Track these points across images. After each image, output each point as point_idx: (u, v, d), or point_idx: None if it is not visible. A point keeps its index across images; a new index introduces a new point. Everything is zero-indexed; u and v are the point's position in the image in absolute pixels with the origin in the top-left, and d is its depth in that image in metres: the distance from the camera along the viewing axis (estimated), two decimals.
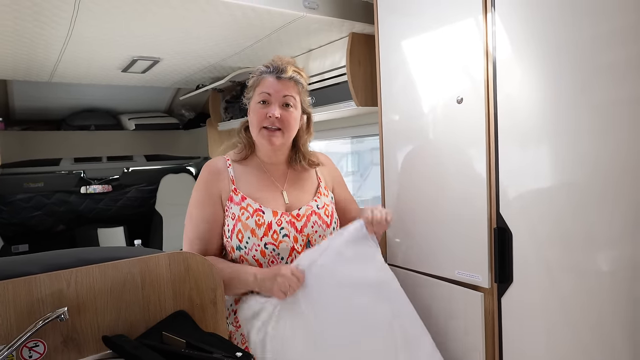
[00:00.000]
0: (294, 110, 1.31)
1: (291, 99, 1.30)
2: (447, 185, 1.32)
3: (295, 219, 1.30)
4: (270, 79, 1.30)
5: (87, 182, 3.48)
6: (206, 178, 1.33)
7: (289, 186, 1.37)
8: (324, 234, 1.33)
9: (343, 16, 1.65)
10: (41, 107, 3.05)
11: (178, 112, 3.51)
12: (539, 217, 1.11)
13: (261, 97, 1.30)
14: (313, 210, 1.34)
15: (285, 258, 1.27)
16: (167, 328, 1.00)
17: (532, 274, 1.14)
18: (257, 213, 1.27)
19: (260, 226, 1.25)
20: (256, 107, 1.31)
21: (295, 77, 1.31)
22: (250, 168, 1.37)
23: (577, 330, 1.06)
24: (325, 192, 1.42)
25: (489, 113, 1.20)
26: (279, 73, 1.29)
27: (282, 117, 1.28)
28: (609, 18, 0.96)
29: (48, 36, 1.67)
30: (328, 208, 1.38)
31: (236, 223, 1.27)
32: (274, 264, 1.26)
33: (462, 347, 1.32)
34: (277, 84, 1.29)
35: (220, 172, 1.33)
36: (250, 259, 1.27)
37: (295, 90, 1.31)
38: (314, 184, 1.42)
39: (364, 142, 2.93)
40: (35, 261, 0.95)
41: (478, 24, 1.20)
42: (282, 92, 1.29)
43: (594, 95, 0.99)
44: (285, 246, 1.26)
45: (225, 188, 1.31)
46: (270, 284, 1.16)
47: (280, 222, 1.27)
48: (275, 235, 1.26)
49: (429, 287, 1.41)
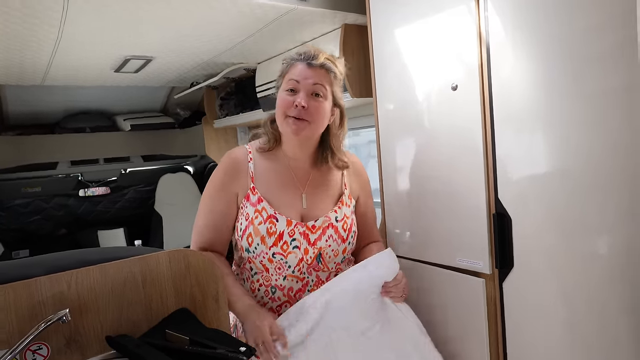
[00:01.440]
0: (323, 101, 1.21)
1: (321, 88, 1.20)
2: (445, 172, 1.32)
3: (310, 230, 1.23)
4: (300, 66, 1.21)
5: (85, 184, 3.47)
6: (224, 171, 1.27)
7: (310, 189, 1.28)
8: (337, 248, 1.27)
9: (335, 7, 1.63)
10: (35, 111, 3.03)
11: (173, 111, 3.50)
12: (537, 203, 1.11)
13: (289, 84, 1.20)
14: (330, 223, 1.26)
15: (293, 267, 1.23)
16: (170, 326, 1.00)
17: (532, 259, 1.14)
18: (271, 220, 1.21)
19: (272, 235, 1.20)
20: (283, 94, 1.22)
21: (328, 64, 1.21)
22: (273, 163, 1.29)
23: (577, 312, 1.06)
24: (348, 202, 1.32)
25: (484, 99, 1.20)
26: (310, 60, 1.20)
27: (310, 108, 1.18)
28: (600, 6, 0.96)
29: (39, 38, 1.65)
30: (347, 221, 1.29)
31: (248, 225, 1.22)
32: (280, 271, 1.23)
33: (465, 333, 1.32)
34: (307, 71, 1.19)
35: (240, 167, 1.26)
36: (257, 263, 1.25)
37: (326, 79, 1.21)
38: (337, 191, 1.32)
39: (360, 134, 2.92)
40: (35, 264, 0.95)
41: (470, 10, 1.20)
42: (311, 79, 1.19)
43: (586, 83, 0.99)
44: (294, 257, 1.22)
45: (244, 185, 1.25)
46: (249, 327, 1.11)
47: (293, 233, 1.22)
48: (285, 246, 1.21)
49: (430, 275, 1.41)
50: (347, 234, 1.28)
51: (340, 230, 1.27)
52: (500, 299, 1.23)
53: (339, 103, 1.28)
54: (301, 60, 1.22)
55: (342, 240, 1.27)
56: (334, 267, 1.29)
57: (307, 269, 1.24)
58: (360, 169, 1.41)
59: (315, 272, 1.26)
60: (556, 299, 1.10)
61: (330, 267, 1.28)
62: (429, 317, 1.42)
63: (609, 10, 0.94)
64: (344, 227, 1.28)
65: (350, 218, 1.31)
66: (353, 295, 1.19)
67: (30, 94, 2.76)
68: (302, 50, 1.23)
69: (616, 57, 0.94)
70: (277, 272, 1.24)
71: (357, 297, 1.19)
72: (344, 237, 1.28)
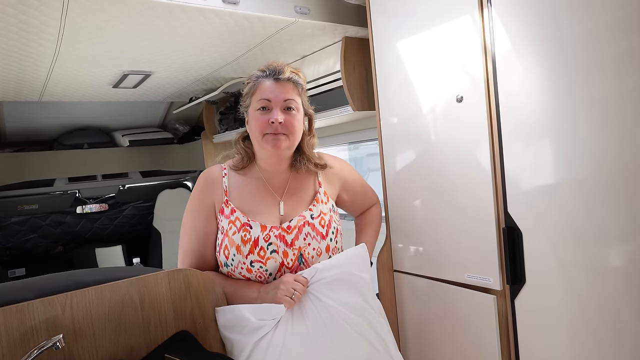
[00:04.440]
0: (296, 114, 1.24)
1: (292, 102, 1.23)
2: (452, 186, 1.28)
3: (286, 231, 1.21)
4: (268, 83, 1.22)
5: (82, 201, 3.43)
6: (201, 188, 1.27)
7: (287, 196, 1.29)
8: (318, 246, 1.23)
9: (335, 20, 1.62)
10: (32, 127, 3.01)
11: (172, 127, 3.48)
12: (549, 215, 1.08)
13: (260, 103, 1.22)
14: (306, 221, 1.23)
15: (274, 274, 1.19)
16: (170, 350, 0.96)
17: (545, 274, 1.10)
18: (245, 228, 1.19)
19: (246, 243, 1.17)
20: (256, 114, 1.23)
21: (294, 77, 1.24)
22: (247, 178, 1.29)
23: (595, 329, 1.02)
24: (324, 199, 1.31)
25: (490, 110, 1.18)
26: (276, 75, 1.22)
27: (286, 122, 1.21)
28: (606, 10, 0.94)
29: (36, 53, 1.63)
30: (325, 217, 1.27)
31: (224, 238, 1.20)
32: (261, 280, 1.19)
33: (476, 352, 1.27)
34: (276, 88, 1.22)
35: (214, 182, 1.27)
36: (237, 276, 1.21)
37: (295, 92, 1.24)
38: (311, 191, 1.32)
39: (359, 148, 2.90)
40: (28, 286, 0.91)
41: (475, 20, 1.18)
42: (282, 95, 1.21)
43: (597, 89, 0.97)
44: (273, 262, 1.18)
45: (218, 199, 1.25)
46: (274, 292, 1.12)
47: (269, 237, 1.19)
48: (262, 252, 1.18)
49: (438, 292, 1.36)
50: (326, 230, 1.25)
51: (317, 227, 1.24)
52: (512, 316, 1.18)
53: (308, 112, 1.32)
54: (267, 76, 1.24)
55: (322, 237, 1.24)
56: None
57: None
58: (339, 164, 1.42)
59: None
60: (572, 315, 1.06)
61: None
62: (438, 336, 1.37)
63: (619, 14, 0.92)
64: (322, 223, 1.25)
65: (328, 215, 1.28)
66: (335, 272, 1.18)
67: (27, 111, 2.74)
68: (266, 67, 1.25)
69: (627, 60, 0.92)
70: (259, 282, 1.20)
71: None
72: (322, 233, 1.24)
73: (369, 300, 1.19)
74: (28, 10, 1.27)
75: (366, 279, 1.21)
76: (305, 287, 1.13)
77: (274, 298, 1.11)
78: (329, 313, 1.12)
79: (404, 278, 1.48)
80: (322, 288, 1.15)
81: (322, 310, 1.13)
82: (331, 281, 1.16)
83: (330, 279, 1.16)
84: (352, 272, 1.19)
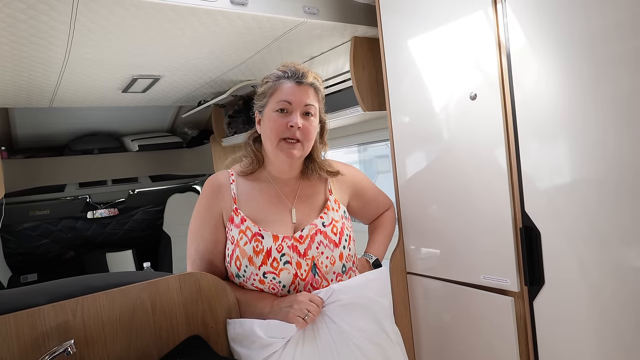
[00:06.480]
0: (314, 120, 1.22)
1: (312, 107, 1.20)
2: (466, 186, 1.26)
3: (298, 241, 1.17)
4: (290, 85, 1.19)
5: (93, 206, 3.45)
6: (207, 195, 1.23)
7: (299, 203, 1.25)
8: (331, 254, 1.20)
9: (344, 20, 1.61)
10: (43, 133, 3.03)
11: (181, 131, 3.49)
12: (569, 214, 1.05)
13: (280, 104, 1.18)
14: (318, 229, 1.20)
15: (288, 286, 1.16)
16: (182, 355, 0.94)
17: (565, 275, 1.07)
18: (256, 238, 1.15)
19: (259, 254, 1.14)
20: (273, 116, 1.18)
21: (316, 84, 1.22)
22: (257, 183, 1.26)
23: (617, 331, 0.98)
24: (336, 207, 1.28)
25: (505, 108, 1.15)
26: (299, 78, 1.19)
27: (304, 128, 1.18)
28: (625, 4, 0.90)
29: (46, 59, 1.64)
30: (337, 225, 1.23)
31: (235, 248, 1.16)
32: (275, 292, 1.16)
33: (493, 356, 1.24)
34: (298, 91, 1.18)
35: (222, 189, 1.23)
36: (250, 287, 1.18)
37: (316, 98, 1.22)
38: (322, 198, 1.29)
39: (368, 150, 2.88)
40: (39, 292, 0.90)
41: (488, 16, 1.15)
42: (304, 100, 1.18)
43: (618, 85, 0.93)
44: (286, 274, 1.15)
45: (227, 207, 1.20)
46: (286, 310, 1.09)
47: (281, 248, 1.15)
48: (276, 263, 1.14)
49: (453, 294, 1.33)
50: (339, 237, 1.22)
51: (330, 235, 1.21)
52: (531, 319, 1.15)
53: (322, 119, 1.30)
54: (288, 78, 1.20)
55: (335, 245, 1.21)
56: (334, 278, 1.21)
57: (304, 287, 1.17)
58: (349, 171, 1.40)
59: (313, 290, 1.18)
60: (593, 317, 1.02)
61: (330, 278, 1.20)
62: (453, 339, 1.34)
63: (638, 9, 0.89)
64: (334, 230, 1.22)
65: (340, 222, 1.25)
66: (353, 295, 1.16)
67: (38, 117, 2.77)
68: (287, 68, 1.22)
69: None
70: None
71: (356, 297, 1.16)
72: (335, 241, 1.21)
73: (386, 327, 1.16)
74: (38, 16, 1.27)
75: (384, 305, 1.18)
76: (320, 308, 1.10)
77: (286, 316, 1.08)
78: (342, 337, 1.09)
79: (417, 280, 1.46)
80: (338, 310, 1.12)
81: (335, 334, 1.10)
82: (347, 304, 1.13)
83: (347, 301, 1.13)
84: (370, 296, 1.16)
